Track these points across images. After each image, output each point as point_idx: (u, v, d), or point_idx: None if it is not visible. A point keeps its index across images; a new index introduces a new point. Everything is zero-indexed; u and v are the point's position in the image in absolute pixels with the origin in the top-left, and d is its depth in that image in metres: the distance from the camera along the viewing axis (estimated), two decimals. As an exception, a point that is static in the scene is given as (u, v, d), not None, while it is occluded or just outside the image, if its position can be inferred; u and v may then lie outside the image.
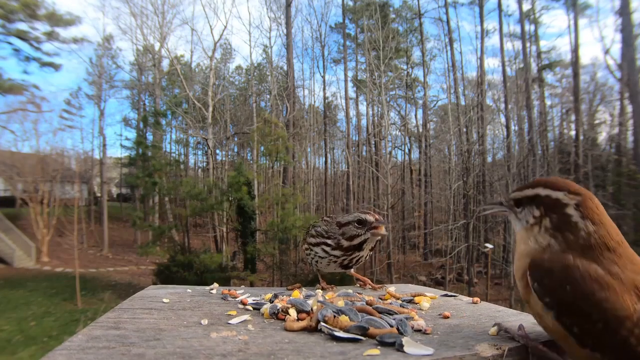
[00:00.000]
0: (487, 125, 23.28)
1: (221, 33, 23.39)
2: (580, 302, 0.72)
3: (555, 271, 0.76)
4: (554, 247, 0.80)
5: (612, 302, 0.70)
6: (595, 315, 0.70)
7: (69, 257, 19.30)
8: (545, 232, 0.81)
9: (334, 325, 0.87)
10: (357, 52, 26.80)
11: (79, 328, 9.16)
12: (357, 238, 1.35)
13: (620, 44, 19.27)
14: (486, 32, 23.60)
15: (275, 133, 19.07)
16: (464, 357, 0.75)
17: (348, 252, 1.37)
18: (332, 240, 1.39)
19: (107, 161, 29.94)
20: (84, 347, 0.75)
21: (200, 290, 1.33)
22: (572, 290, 0.73)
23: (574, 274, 0.74)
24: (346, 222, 1.37)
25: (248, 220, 17.62)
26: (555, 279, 0.75)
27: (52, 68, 25.07)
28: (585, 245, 0.77)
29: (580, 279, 0.73)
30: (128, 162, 26.79)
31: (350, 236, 1.35)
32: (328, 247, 1.39)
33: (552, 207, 0.82)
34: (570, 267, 0.75)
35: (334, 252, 1.39)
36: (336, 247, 1.38)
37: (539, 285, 0.77)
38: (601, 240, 0.77)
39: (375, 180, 25.55)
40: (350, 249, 1.37)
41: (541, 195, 0.84)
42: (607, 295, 0.71)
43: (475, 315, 1.08)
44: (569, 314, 0.73)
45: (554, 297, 0.75)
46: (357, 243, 1.35)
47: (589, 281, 0.73)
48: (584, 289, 0.72)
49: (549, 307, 0.75)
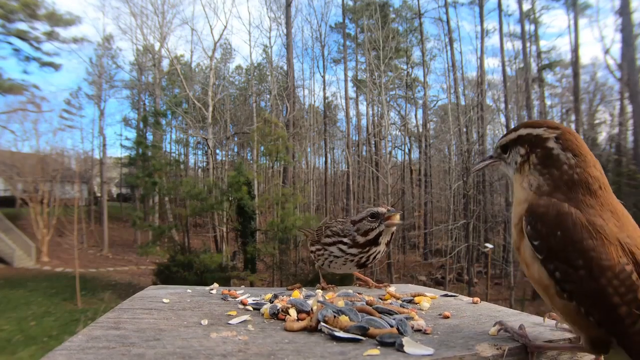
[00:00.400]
0: (487, 125, 23.29)
1: (221, 33, 23.43)
2: (569, 248, 0.74)
3: (549, 216, 0.78)
4: (543, 188, 0.82)
5: (598, 251, 0.73)
6: (580, 261, 0.73)
7: (69, 257, 19.30)
8: (535, 170, 0.84)
9: (334, 325, 0.87)
10: (357, 52, 26.81)
11: (79, 328, 9.16)
12: (372, 232, 1.36)
13: (620, 44, 19.29)
14: (486, 32, 23.62)
15: (275, 133, 19.08)
16: (464, 357, 0.75)
17: (365, 248, 1.38)
18: (348, 238, 1.39)
19: (107, 161, 29.94)
20: (84, 347, 0.75)
21: (200, 291, 1.33)
22: (563, 236, 0.75)
23: (567, 221, 0.76)
24: (360, 218, 1.38)
25: (248, 220, 17.63)
26: (548, 223, 0.77)
27: (52, 68, 25.11)
28: (570, 181, 0.80)
29: (572, 225, 0.75)
30: (128, 162, 26.79)
31: (365, 231, 1.36)
32: (345, 246, 1.40)
33: (535, 143, 0.85)
34: (563, 214, 0.77)
35: (351, 250, 1.39)
36: (353, 244, 1.38)
37: (532, 229, 0.79)
38: (583, 176, 0.81)
39: (375, 180, 25.54)
40: (367, 244, 1.37)
41: (523, 134, 0.88)
42: (595, 243, 0.73)
43: (475, 315, 1.08)
44: (556, 258, 0.75)
45: (545, 241, 0.77)
46: (373, 237, 1.36)
47: (579, 228, 0.75)
48: (574, 235, 0.74)
49: (538, 251, 0.77)
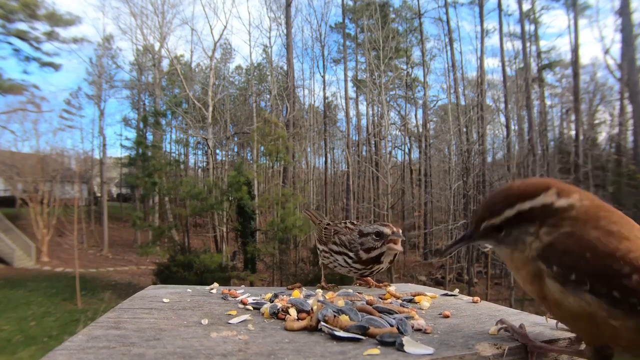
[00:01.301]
0: (487, 125, 23.30)
1: (221, 33, 23.43)
2: (608, 261, 0.68)
3: (570, 246, 0.71)
4: (558, 233, 0.74)
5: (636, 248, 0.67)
6: (627, 268, 0.66)
7: (69, 257, 19.31)
8: (546, 236, 0.75)
9: (334, 324, 0.87)
10: (357, 52, 26.82)
11: (79, 328, 9.15)
12: (375, 250, 1.35)
13: (620, 44, 19.31)
14: (486, 32, 23.63)
15: (275, 133, 19.09)
16: (464, 357, 0.75)
17: (368, 265, 1.38)
18: (353, 253, 1.39)
19: (107, 161, 29.94)
20: (84, 347, 0.75)
21: (200, 290, 1.33)
22: (593, 254, 0.69)
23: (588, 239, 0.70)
24: (367, 232, 1.37)
25: (248, 220, 17.64)
26: (573, 252, 0.71)
27: (52, 68, 25.12)
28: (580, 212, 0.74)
29: (596, 239, 0.69)
30: (128, 162, 26.79)
31: (368, 248, 1.36)
32: (350, 260, 1.40)
33: (543, 214, 0.75)
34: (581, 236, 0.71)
35: (355, 265, 1.39)
36: (357, 260, 1.38)
37: (559, 266, 0.71)
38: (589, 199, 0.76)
39: (375, 180, 25.56)
40: (369, 261, 1.37)
41: (525, 210, 0.76)
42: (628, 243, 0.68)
43: (475, 315, 1.08)
44: (603, 279, 0.68)
45: (580, 270, 0.69)
46: (375, 255, 1.35)
47: (604, 238, 0.69)
48: (605, 247, 0.68)
49: (579, 283, 0.69)
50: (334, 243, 1.45)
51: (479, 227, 0.81)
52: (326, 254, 1.49)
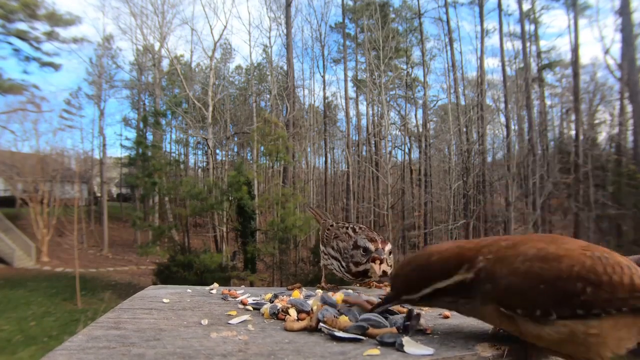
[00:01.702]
0: (487, 125, 23.30)
1: (221, 33, 23.40)
2: (561, 284, 0.70)
3: (519, 285, 0.72)
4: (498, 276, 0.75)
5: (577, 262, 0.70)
6: (579, 284, 0.69)
7: (69, 257, 19.31)
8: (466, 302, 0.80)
9: (333, 325, 0.87)
10: (357, 52, 26.80)
11: (79, 328, 9.15)
12: (361, 266, 1.33)
13: (620, 43, 19.31)
14: (486, 32, 23.62)
15: (275, 133, 19.09)
16: (464, 357, 0.75)
17: (357, 278, 1.37)
18: (344, 263, 1.37)
19: (107, 161, 29.91)
20: (84, 347, 0.75)
21: (200, 290, 1.33)
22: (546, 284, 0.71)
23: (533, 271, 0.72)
24: (359, 245, 1.34)
25: (248, 220, 17.64)
26: (526, 290, 0.72)
27: (52, 68, 25.08)
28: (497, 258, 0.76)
29: (539, 269, 0.71)
30: (128, 162, 26.77)
31: (356, 262, 1.34)
32: (342, 268, 1.39)
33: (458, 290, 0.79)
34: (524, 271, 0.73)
35: (346, 274, 1.39)
36: (347, 270, 1.37)
37: (521, 308, 0.73)
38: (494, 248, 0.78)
39: (375, 180, 25.55)
40: (358, 275, 1.35)
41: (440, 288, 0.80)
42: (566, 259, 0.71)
43: (475, 315, 1.08)
44: (564, 303, 0.70)
45: (541, 303, 0.71)
46: (362, 270, 1.34)
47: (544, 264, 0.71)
48: (551, 272, 0.71)
49: (545, 315, 0.71)
50: (332, 248, 1.45)
51: (398, 297, 0.86)
52: (325, 255, 1.49)
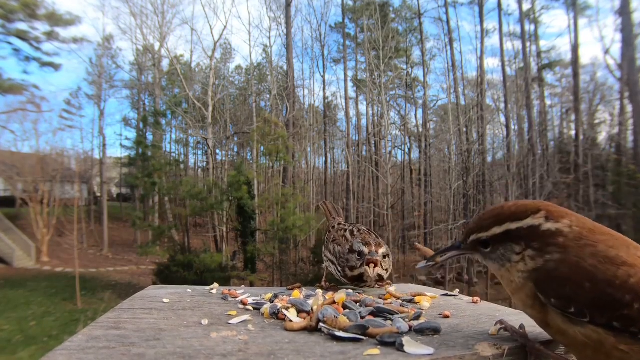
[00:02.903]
0: (487, 125, 23.31)
1: (221, 33, 23.44)
2: (609, 291, 0.65)
3: (567, 275, 0.69)
4: (551, 259, 0.73)
5: (637, 273, 0.65)
6: (628, 296, 0.64)
7: (69, 257, 19.30)
8: (534, 260, 0.75)
9: (333, 325, 0.87)
10: (357, 52, 26.81)
11: (79, 328, 9.15)
12: (356, 270, 1.32)
13: (620, 43, 19.32)
14: (486, 32, 23.63)
15: (275, 133, 19.09)
16: (464, 357, 0.75)
17: (353, 282, 1.36)
18: (340, 267, 1.37)
19: (107, 161, 29.92)
20: (84, 347, 0.75)
21: (200, 290, 1.33)
22: (592, 284, 0.66)
23: (585, 267, 0.68)
24: (354, 250, 1.33)
25: (248, 220, 17.65)
26: (571, 282, 0.68)
27: (52, 68, 25.12)
28: (574, 236, 0.73)
29: (593, 267, 0.67)
30: (128, 162, 26.78)
31: (351, 266, 1.33)
32: (338, 273, 1.39)
33: (529, 236, 0.75)
34: (577, 264, 0.69)
35: (342, 278, 1.38)
36: (343, 275, 1.36)
37: (557, 298, 0.69)
38: (582, 223, 0.74)
39: (375, 180, 25.56)
40: (354, 279, 1.34)
41: (512, 229, 0.77)
42: (627, 268, 0.66)
43: (475, 315, 1.08)
44: (603, 310, 0.66)
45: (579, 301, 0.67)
46: (357, 275, 1.32)
47: (602, 265, 0.67)
48: (604, 275, 0.66)
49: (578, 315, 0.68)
50: (329, 251, 1.45)
51: (467, 239, 0.84)
52: (324, 258, 1.49)
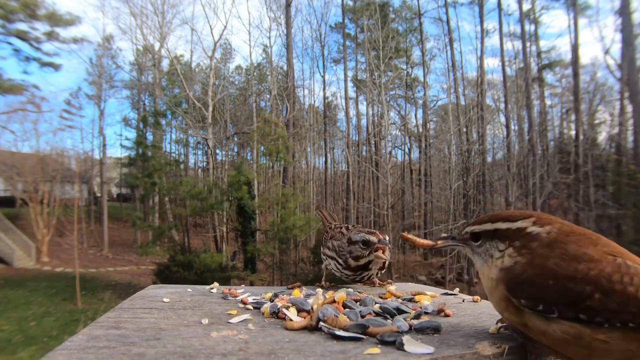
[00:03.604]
0: (487, 125, 23.31)
1: (221, 33, 23.44)
2: (570, 285, 0.70)
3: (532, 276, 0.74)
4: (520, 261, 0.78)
5: (596, 266, 0.70)
6: (588, 288, 0.69)
7: (69, 257, 19.31)
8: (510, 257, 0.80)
9: (333, 324, 0.87)
10: (357, 52, 26.80)
11: (79, 328, 9.15)
12: (362, 259, 1.37)
13: (620, 43, 19.31)
14: (486, 32, 23.63)
15: (275, 133, 19.09)
16: (464, 356, 0.75)
17: (356, 272, 1.41)
18: (342, 260, 1.42)
19: (107, 161, 29.94)
20: (84, 347, 0.75)
21: (200, 290, 1.33)
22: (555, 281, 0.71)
23: (548, 266, 0.73)
24: (355, 241, 1.39)
25: (248, 220, 17.65)
26: (536, 282, 0.73)
27: (52, 68, 25.12)
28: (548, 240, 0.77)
29: (556, 265, 0.72)
30: (128, 162, 26.78)
31: (356, 256, 1.38)
32: (339, 266, 1.43)
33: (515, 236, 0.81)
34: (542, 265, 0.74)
35: (345, 271, 1.42)
36: (345, 266, 1.41)
37: (526, 299, 0.74)
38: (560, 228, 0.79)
39: (375, 180, 25.55)
40: (358, 269, 1.39)
41: (502, 228, 0.83)
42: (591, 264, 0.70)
43: (475, 314, 1.08)
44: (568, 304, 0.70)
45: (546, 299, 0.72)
46: (363, 264, 1.38)
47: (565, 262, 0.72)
48: (565, 271, 0.71)
49: (547, 312, 0.72)
50: (328, 248, 1.50)
51: (462, 232, 0.92)
52: (324, 257, 1.54)
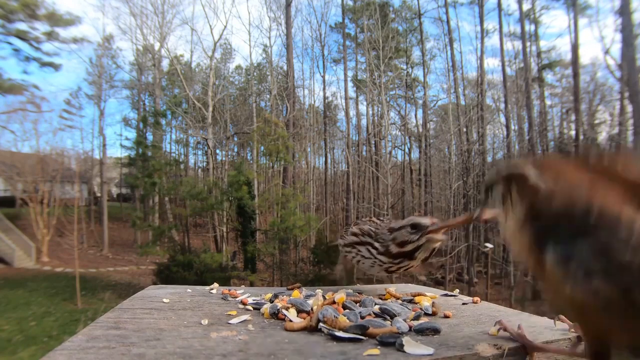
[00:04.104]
0: (487, 125, 23.28)
1: (221, 33, 23.41)
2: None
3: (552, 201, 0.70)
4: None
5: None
6: None
7: (69, 257, 19.30)
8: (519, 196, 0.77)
9: (332, 325, 0.87)
10: (357, 52, 26.78)
11: (79, 328, 9.14)
12: (410, 244, 1.21)
13: (620, 43, 19.29)
14: (486, 32, 23.60)
15: (276, 133, 19.08)
16: (464, 357, 0.75)
17: (396, 259, 1.25)
18: (379, 244, 1.27)
19: (107, 161, 29.90)
20: (84, 347, 0.75)
21: (200, 290, 1.33)
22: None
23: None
24: (399, 226, 1.25)
25: (248, 220, 17.64)
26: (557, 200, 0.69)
27: (52, 68, 25.10)
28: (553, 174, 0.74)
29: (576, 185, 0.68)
30: (128, 162, 26.76)
31: (402, 242, 1.22)
32: (374, 250, 1.28)
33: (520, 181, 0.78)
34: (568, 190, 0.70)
35: (380, 257, 1.28)
36: (383, 252, 1.27)
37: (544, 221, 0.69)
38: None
39: (375, 180, 25.54)
40: (400, 255, 1.24)
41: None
42: None
43: (475, 315, 1.08)
44: None
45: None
46: (409, 250, 1.21)
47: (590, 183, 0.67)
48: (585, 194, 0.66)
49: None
50: (354, 234, 1.35)
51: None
52: (348, 247, 1.38)
